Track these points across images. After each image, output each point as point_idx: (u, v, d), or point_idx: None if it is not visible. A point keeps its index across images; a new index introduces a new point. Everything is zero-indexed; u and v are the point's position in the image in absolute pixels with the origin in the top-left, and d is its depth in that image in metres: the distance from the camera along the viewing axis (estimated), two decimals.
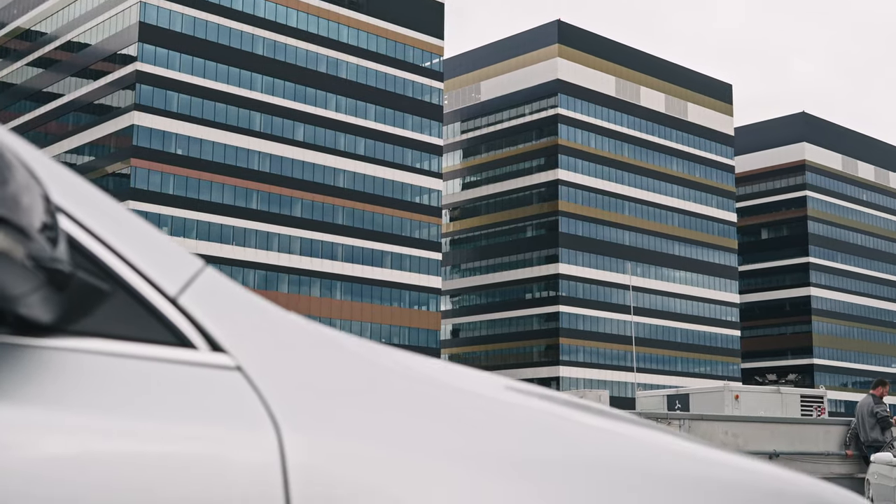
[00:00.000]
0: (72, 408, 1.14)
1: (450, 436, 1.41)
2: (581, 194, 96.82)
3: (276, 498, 1.19)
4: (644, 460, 1.58)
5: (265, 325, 1.35)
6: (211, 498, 1.17)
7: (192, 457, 1.18)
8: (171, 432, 1.18)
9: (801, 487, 1.83)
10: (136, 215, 1.29)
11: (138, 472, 1.14)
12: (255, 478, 1.20)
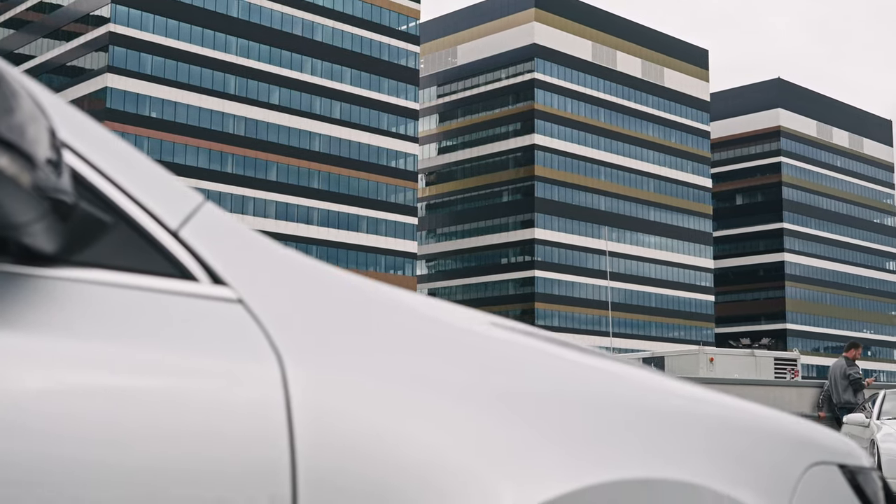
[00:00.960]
0: (75, 337, 1.15)
1: (443, 370, 1.42)
2: (557, 159, 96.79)
3: (280, 429, 1.21)
4: (634, 397, 1.59)
5: (265, 259, 1.36)
6: (214, 429, 1.18)
7: (195, 387, 1.19)
8: (174, 363, 1.19)
9: (793, 428, 1.87)
10: (139, 151, 1.30)
11: (142, 402, 1.15)
12: (258, 409, 1.21)
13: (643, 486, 1.50)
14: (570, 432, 1.48)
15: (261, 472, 1.19)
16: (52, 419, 1.10)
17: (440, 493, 1.29)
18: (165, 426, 1.16)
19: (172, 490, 1.14)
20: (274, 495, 1.20)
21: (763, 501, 1.61)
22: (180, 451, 1.16)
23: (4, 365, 1.09)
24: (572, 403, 1.52)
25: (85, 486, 1.10)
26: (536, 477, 1.38)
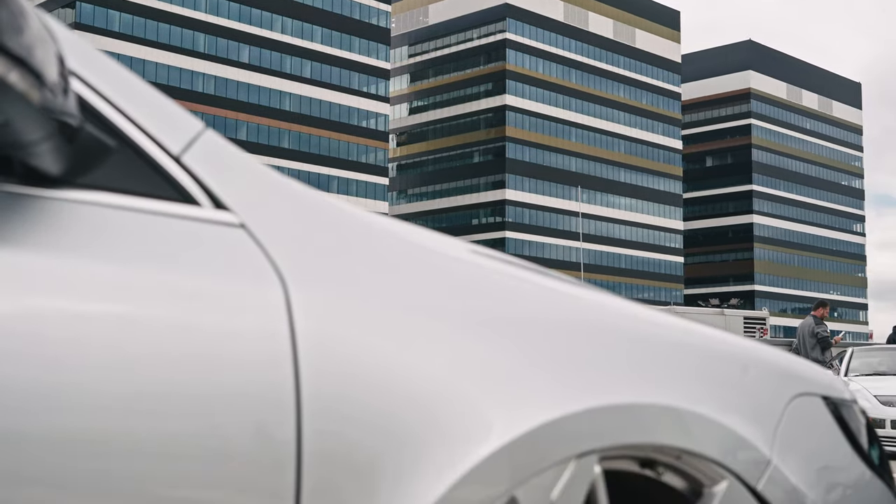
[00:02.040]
0: (81, 257, 1.16)
1: (439, 296, 1.44)
2: (528, 120, 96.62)
3: (284, 353, 1.23)
4: (620, 325, 1.63)
5: (266, 185, 1.37)
6: (220, 352, 1.19)
7: (200, 310, 1.21)
8: (179, 285, 1.21)
9: (778, 360, 1.90)
10: (142, 79, 1.31)
11: (148, 324, 1.17)
12: (263, 333, 1.23)
13: (630, 411, 1.52)
14: (558, 358, 1.50)
15: (266, 398, 1.21)
16: (57, 341, 1.10)
17: (435, 420, 1.32)
18: (171, 349, 1.17)
19: (178, 416, 1.15)
20: (279, 422, 1.21)
21: (752, 428, 1.64)
22: (187, 375, 1.17)
23: (10, 283, 1.11)
24: (560, 330, 1.54)
25: (90, 412, 1.11)
26: (527, 403, 1.40)
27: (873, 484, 1.97)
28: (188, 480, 1.16)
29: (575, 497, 1.43)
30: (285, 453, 1.21)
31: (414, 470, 1.29)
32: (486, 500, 1.34)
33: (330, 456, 1.24)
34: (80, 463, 1.10)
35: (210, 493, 1.17)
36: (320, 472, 1.23)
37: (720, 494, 1.58)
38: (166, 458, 1.14)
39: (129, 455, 1.12)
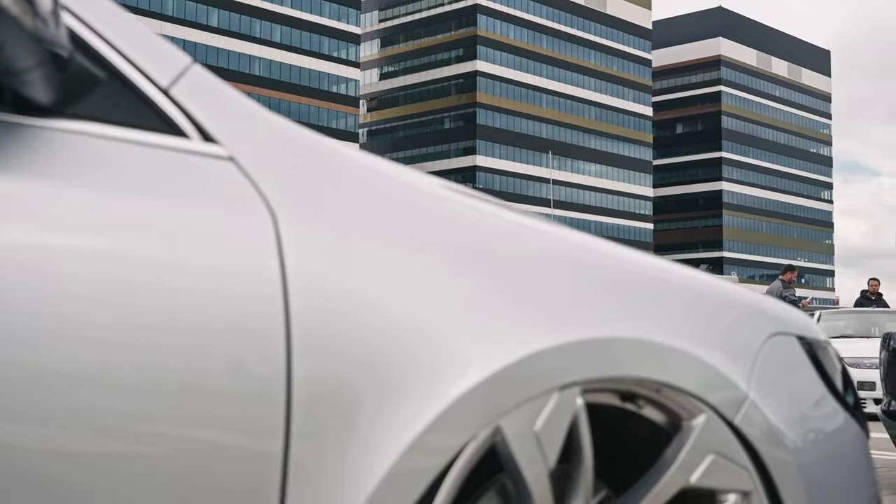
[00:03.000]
0: (73, 186, 1.17)
1: (423, 232, 1.47)
2: (499, 86, 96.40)
3: (274, 281, 1.25)
4: (597, 262, 1.66)
5: (253, 119, 1.39)
6: (210, 282, 1.21)
7: (192, 239, 1.22)
8: (171, 215, 1.22)
9: (755, 301, 1.94)
10: (130, 14, 1.32)
11: (140, 253, 1.18)
12: (254, 262, 1.25)
13: (611, 345, 1.55)
14: (537, 293, 1.53)
15: (257, 331, 1.23)
16: (45, 270, 1.12)
17: (415, 355, 1.34)
18: (164, 280, 1.18)
19: (169, 350, 1.17)
20: (270, 357, 1.23)
21: (729, 364, 1.68)
22: (178, 307, 1.18)
23: (3, 210, 1.12)
24: (538, 265, 1.57)
25: (76, 345, 1.12)
26: (506, 337, 1.43)
27: (849, 425, 2.00)
28: (176, 418, 1.16)
29: (558, 428, 1.46)
30: (276, 389, 1.22)
31: (394, 404, 1.31)
32: (468, 431, 1.36)
33: (317, 392, 1.26)
34: (65, 398, 1.10)
35: (200, 431, 1.18)
36: (308, 409, 1.24)
37: (698, 427, 1.62)
38: (154, 394, 1.15)
39: (116, 390, 1.13)
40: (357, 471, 1.28)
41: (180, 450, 1.17)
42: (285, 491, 1.23)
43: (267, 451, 1.22)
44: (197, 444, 1.18)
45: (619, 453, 1.78)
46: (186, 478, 1.18)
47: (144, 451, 1.15)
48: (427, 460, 1.33)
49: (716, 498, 1.68)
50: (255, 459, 1.21)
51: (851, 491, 1.94)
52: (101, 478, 1.12)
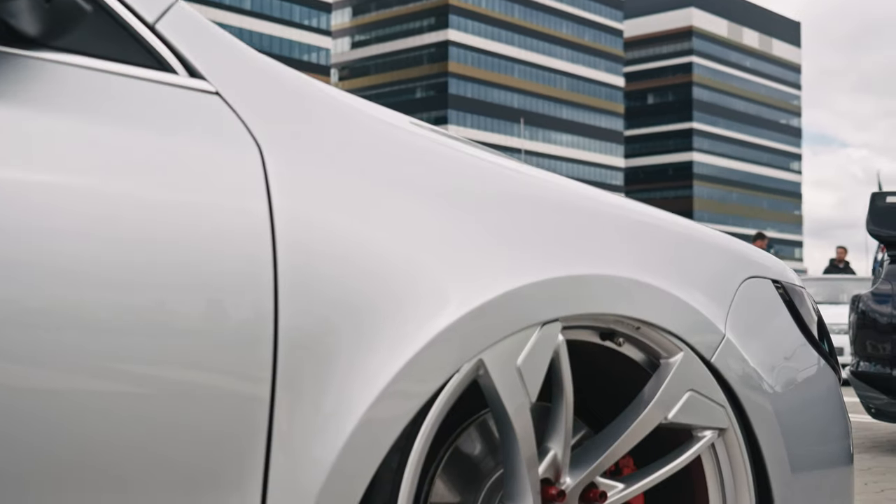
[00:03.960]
0: (61, 116, 1.18)
1: (396, 167, 1.48)
2: (471, 55, 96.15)
3: (261, 213, 1.26)
4: (573, 202, 1.68)
5: (238, 56, 1.41)
6: (200, 216, 1.22)
7: (182, 172, 1.23)
8: (160, 147, 1.23)
9: (733, 245, 1.98)
10: None
11: (127, 184, 1.19)
12: (242, 195, 1.26)
13: (592, 282, 1.59)
14: (517, 231, 1.55)
15: (246, 267, 1.24)
16: (33, 201, 1.11)
17: (396, 297, 1.36)
18: (153, 210, 1.19)
19: (159, 288, 1.17)
20: (259, 299, 1.24)
21: (706, 305, 1.72)
22: (168, 239, 1.19)
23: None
24: (517, 204, 1.59)
25: (60, 281, 1.12)
26: (484, 275, 1.45)
27: (824, 370, 2.02)
28: (163, 358, 1.17)
29: (539, 363, 1.49)
30: (264, 330, 1.24)
31: (377, 342, 1.32)
32: (452, 365, 1.38)
33: (303, 332, 1.27)
34: (50, 335, 1.10)
35: (189, 373, 1.19)
36: (294, 348, 1.26)
37: (676, 365, 1.66)
38: (141, 333, 1.16)
39: (100, 329, 1.13)
40: (341, 407, 1.29)
41: (170, 391, 1.18)
42: (271, 433, 1.25)
43: (254, 393, 1.23)
44: (186, 386, 1.19)
45: (599, 393, 1.81)
46: (177, 419, 1.18)
47: (131, 391, 1.15)
48: (410, 394, 1.34)
49: (692, 435, 1.72)
50: (243, 401, 1.22)
51: (826, 434, 1.97)
52: (86, 418, 1.12)
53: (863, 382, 6.11)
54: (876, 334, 6.21)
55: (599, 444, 1.66)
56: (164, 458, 1.18)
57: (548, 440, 1.60)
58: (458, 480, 1.67)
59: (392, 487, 1.37)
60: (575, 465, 1.63)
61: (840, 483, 2.01)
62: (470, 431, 1.69)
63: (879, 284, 6.31)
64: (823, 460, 1.97)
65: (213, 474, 1.21)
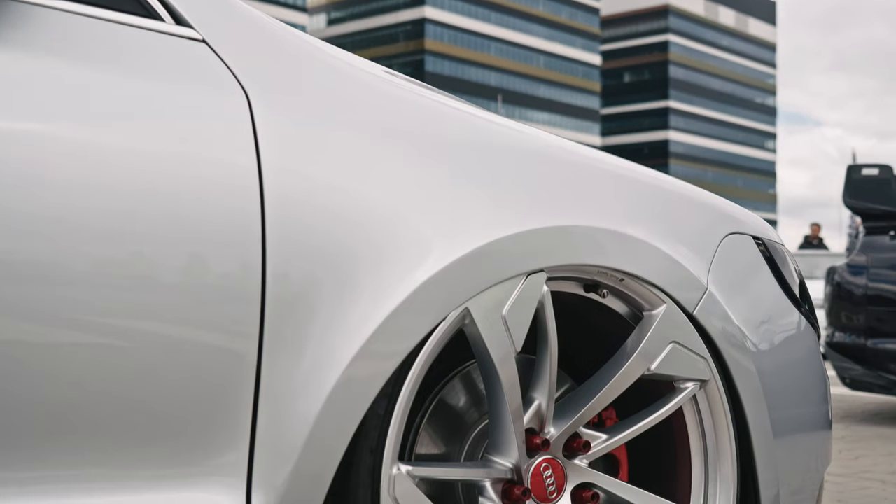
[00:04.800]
0: (46, 59, 1.18)
1: (379, 116, 1.49)
2: (447, 33, 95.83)
3: (249, 160, 1.27)
4: (553, 154, 1.70)
5: (224, 3, 1.40)
6: (190, 162, 1.22)
7: (170, 116, 1.24)
8: (148, 91, 1.24)
9: (715, 201, 2.00)
10: None
11: (114, 127, 1.19)
12: (230, 140, 1.27)
13: (576, 233, 1.60)
14: (500, 182, 1.56)
15: (235, 209, 1.25)
16: (21, 145, 1.11)
17: (379, 248, 1.37)
18: (140, 157, 1.19)
19: (146, 237, 1.17)
20: (247, 255, 1.25)
21: (689, 258, 1.75)
22: (157, 183, 1.19)
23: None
24: (500, 155, 1.60)
25: (51, 227, 1.11)
26: (469, 225, 1.46)
27: (804, 327, 2.04)
28: (148, 313, 1.17)
29: (524, 313, 1.51)
30: (252, 283, 1.25)
31: (361, 292, 1.33)
32: (438, 312, 1.41)
33: (289, 284, 1.28)
34: (36, 288, 1.11)
35: (176, 328, 1.20)
36: (281, 301, 1.27)
37: (659, 317, 1.69)
38: (124, 286, 1.15)
39: (87, 281, 1.13)
40: (325, 358, 1.30)
41: (158, 345, 1.18)
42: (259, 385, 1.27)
43: (242, 344, 1.24)
44: (174, 341, 1.19)
45: (583, 348, 1.83)
46: (168, 373, 1.19)
47: (117, 344, 1.16)
48: (396, 342, 1.36)
49: (675, 387, 1.75)
50: (231, 354, 1.24)
51: (806, 390, 1.99)
52: (69, 370, 1.12)
53: (838, 353, 6.18)
54: (851, 305, 6.27)
55: (583, 395, 1.68)
56: (153, 412, 1.18)
57: (532, 390, 1.62)
58: (443, 431, 1.69)
59: (379, 434, 1.38)
60: (559, 415, 1.65)
61: (818, 442, 2.03)
62: (454, 383, 1.70)
63: (854, 256, 6.36)
64: (804, 415, 1.99)
65: (201, 428, 1.21)
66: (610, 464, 1.86)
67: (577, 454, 1.68)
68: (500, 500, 1.57)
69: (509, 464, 1.57)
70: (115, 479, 1.17)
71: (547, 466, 1.61)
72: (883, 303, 6.18)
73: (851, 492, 3.82)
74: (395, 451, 1.40)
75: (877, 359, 6.10)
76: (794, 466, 1.92)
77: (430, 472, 1.50)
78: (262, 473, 1.25)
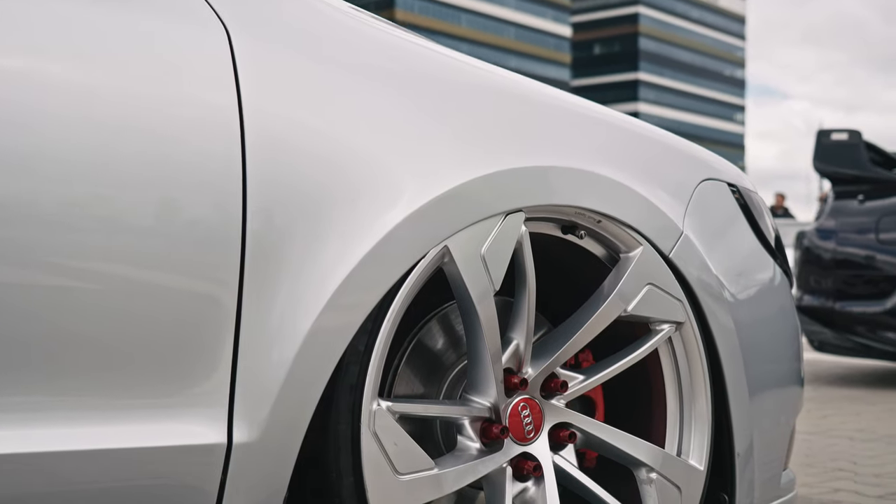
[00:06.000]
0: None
1: (356, 54, 1.49)
2: (417, 4, 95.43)
3: (229, 87, 1.28)
4: (533, 97, 1.71)
5: None
6: (168, 96, 1.22)
7: (146, 52, 1.23)
8: (121, 24, 1.23)
9: (691, 148, 2.01)
10: None
11: (88, 64, 1.18)
12: (210, 72, 1.27)
13: (554, 173, 1.61)
14: (479, 123, 1.57)
15: (215, 125, 1.25)
16: (12, 80, 1.12)
17: (355, 189, 1.37)
18: (118, 95, 1.19)
19: (124, 181, 1.17)
20: (227, 199, 1.25)
21: (665, 201, 1.77)
22: (139, 115, 1.19)
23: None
24: (476, 96, 1.61)
25: (32, 170, 1.11)
26: (445, 166, 1.48)
27: (780, 278, 2.07)
28: (132, 256, 1.18)
29: (503, 252, 1.53)
30: (233, 228, 1.25)
31: (340, 231, 1.34)
32: (417, 249, 1.42)
33: (270, 226, 1.28)
34: (14, 231, 1.11)
35: (155, 273, 1.20)
36: (261, 243, 1.27)
37: (635, 259, 1.71)
38: (108, 231, 1.16)
39: (66, 225, 1.13)
40: (306, 295, 1.31)
41: (139, 291, 1.19)
42: (239, 325, 1.27)
43: (223, 284, 1.25)
44: (153, 287, 1.20)
45: (561, 293, 1.84)
46: (152, 309, 1.20)
47: (94, 288, 1.16)
48: (376, 278, 1.37)
49: (650, 330, 1.76)
50: (211, 297, 1.25)
51: (781, 342, 2.02)
52: (41, 313, 1.13)
53: (806, 317, 6.25)
54: (819, 269, 6.34)
55: (560, 336, 1.69)
56: (137, 356, 1.19)
57: (510, 331, 1.63)
58: (421, 372, 1.71)
59: (359, 370, 1.40)
60: (537, 355, 1.66)
61: (791, 392, 2.06)
62: (431, 325, 1.72)
63: (823, 220, 6.42)
64: (778, 361, 2.01)
65: (183, 362, 1.23)
66: (586, 406, 1.87)
67: (555, 394, 1.69)
68: (478, 439, 1.59)
69: (487, 403, 1.58)
70: (98, 409, 1.17)
71: (525, 406, 1.63)
72: (851, 266, 6.25)
73: (820, 448, 3.88)
74: (375, 388, 1.42)
75: (844, 322, 6.18)
76: (768, 415, 1.93)
77: (409, 408, 1.51)
78: (243, 407, 1.26)
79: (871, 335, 6.10)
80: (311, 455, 1.40)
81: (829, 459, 3.66)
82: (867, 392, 5.82)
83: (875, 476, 3.35)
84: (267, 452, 1.28)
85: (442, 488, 1.50)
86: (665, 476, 1.75)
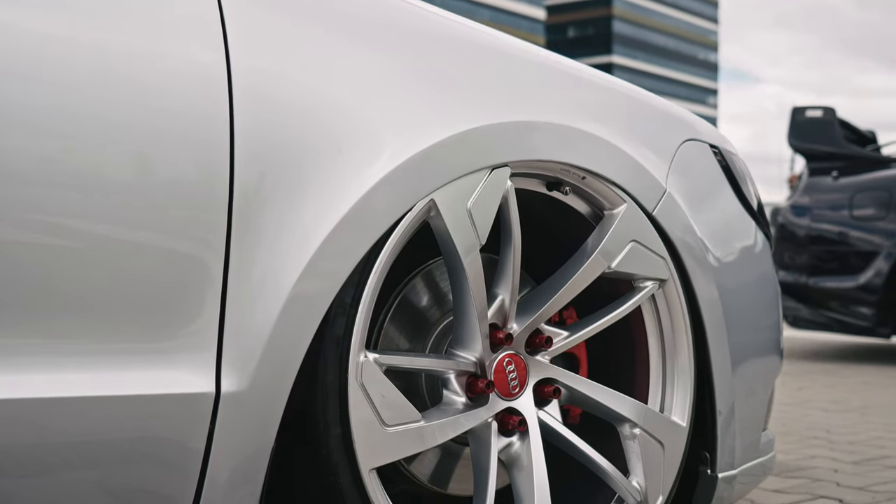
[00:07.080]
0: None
1: (339, 12, 1.47)
2: None
3: (217, 40, 1.28)
4: (517, 55, 1.72)
5: None
6: (157, 49, 1.23)
7: (137, 3, 1.24)
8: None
9: (673, 109, 2.02)
10: None
11: (72, 14, 1.17)
12: (199, 25, 1.27)
13: (539, 128, 1.62)
14: (462, 79, 1.58)
15: (202, 85, 1.25)
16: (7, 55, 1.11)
17: (340, 143, 1.38)
18: (105, 47, 1.19)
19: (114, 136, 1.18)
20: (215, 158, 1.25)
21: (649, 159, 1.78)
22: (123, 68, 1.19)
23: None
24: (461, 53, 1.62)
25: (18, 126, 1.11)
26: (429, 120, 1.48)
27: (762, 242, 2.09)
28: (116, 212, 1.18)
29: (489, 206, 1.54)
30: (220, 185, 1.26)
31: (325, 185, 1.35)
32: (404, 202, 1.43)
33: (256, 182, 1.29)
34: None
35: (146, 218, 1.20)
36: (247, 198, 1.28)
37: (619, 215, 1.72)
38: (92, 188, 1.15)
39: (44, 180, 1.12)
40: (295, 241, 1.32)
41: (126, 249, 1.19)
42: (228, 266, 1.27)
43: (211, 232, 1.25)
44: (137, 245, 1.20)
45: (546, 251, 1.84)
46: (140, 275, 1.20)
47: (76, 231, 1.15)
48: (363, 230, 1.38)
49: (634, 287, 1.78)
50: (201, 238, 1.25)
51: (762, 305, 2.04)
52: (16, 270, 1.12)
53: (781, 293, 6.31)
54: (794, 246, 6.39)
55: (545, 292, 1.71)
56: (123, 300, 1.19)
57: (496, 286, 1.65)
58: (407, 328, 1.71)
59: (347, 322, 1.41)
60: (522, 311, 1.68)
61: (772, 355, 2.08)
62: (416, 281, 1.73)
63: (798, 197, 6.47)
64: (760, 326, 2.03)
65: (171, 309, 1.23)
66: (571, 364, 1.89)
67: (540, 350, 1.70)
68: (464, 393, 1.61)
69: (473, 357, 1.60)
70: (82, 354, 1.16)
71: (510, 361, 1.65)
72: (824, 242, 6.31)
73: (795, 419, 3.93)
74: (363, 340, 1.42)
75: (818, 297, 6.24)
76: (749, 376, 1.95)
77: (396, 360, 1.52)
78: (232, 356, 1.26)
79: (845, 310, 6.17)
80: (299, 409, 1.40)
81: (804, 429, 3.71)
82: (841, 366, 5.89)
83: (849, 444, 3.40)
84: (256, 403, 1.28)
85: (428, 441, 1.52)
86: (648, 432, 1.76)
